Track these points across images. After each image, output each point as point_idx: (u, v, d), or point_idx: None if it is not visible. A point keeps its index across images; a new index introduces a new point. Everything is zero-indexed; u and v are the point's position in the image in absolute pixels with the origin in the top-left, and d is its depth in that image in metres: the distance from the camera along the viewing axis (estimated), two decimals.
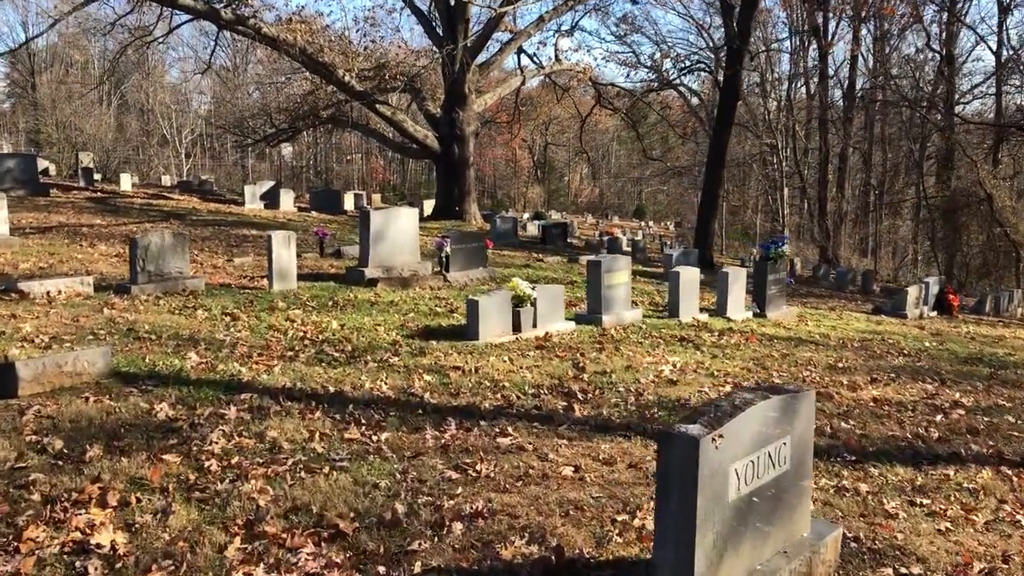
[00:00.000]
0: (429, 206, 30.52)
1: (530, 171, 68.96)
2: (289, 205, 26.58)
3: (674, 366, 7.44)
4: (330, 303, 9.45)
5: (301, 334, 7.67)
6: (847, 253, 43.89)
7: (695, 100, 47.54)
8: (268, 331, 7.72)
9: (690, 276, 10.40)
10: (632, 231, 46.70)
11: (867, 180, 44.55)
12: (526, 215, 42.33)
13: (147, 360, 6.23)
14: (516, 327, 8.35)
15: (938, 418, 6.28)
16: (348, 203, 31.97)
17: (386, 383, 6.06)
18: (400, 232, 11.81)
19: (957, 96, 38.76)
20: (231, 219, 19.33)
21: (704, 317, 10.57)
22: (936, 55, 38.12)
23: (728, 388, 6.81)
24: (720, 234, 51.34)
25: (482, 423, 5.23)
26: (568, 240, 24.90)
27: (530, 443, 4.88)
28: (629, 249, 26.65)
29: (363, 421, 5.10)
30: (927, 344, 10.47)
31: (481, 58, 27.51)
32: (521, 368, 6.90)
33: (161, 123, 55.87)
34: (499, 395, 5.98)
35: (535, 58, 30.44)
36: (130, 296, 8.99)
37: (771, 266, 11.77)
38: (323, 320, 8.40)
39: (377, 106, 26.27)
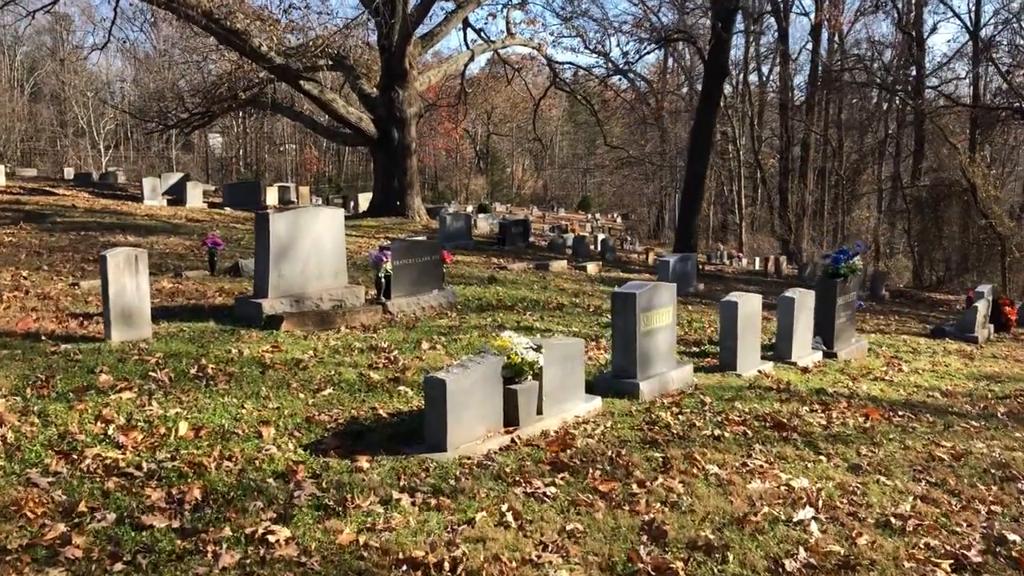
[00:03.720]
0: (366, 201, 26.64)
1: (472, 162, 65.20)
2: (197, 201, 22.46)
3: (811, 504, 4.03)
4: (194, 369, 5.71)
5: (109, 460, 4.01)
6: (809, 247, 41.62)
7: (644, 87, 44.54)
8: (44, 453, 4.03)
9: (751, 308, 7.02)
10: (582, 224, 43.44)
11: (829, 169, 42.15)
12: (469, 207, 38.60)
13: None
14: (511, 417, 4.84)
15: None
16: (272, 197, 27.88)
17: None
18: (317, 244, 8.08)
19: (927, 79, 36.54)
20: (109, 221, 15.21)
21: (768, 367, 7.22)
22: (907, 36, 35.74)
23: (946, 573, 3.45)
24: (670, 227, 48.55)
25: None
26: (529, 239, 21.39)
27: None
28: (597, 249, 23.34)
29: None
30: None
31: (423, 29, 23.75)
32: (543, 545, 3.38)
33: (77, 112, 50.50)
34: None
35: (483, 33, 26.73)
36: None
37: (841, 286, 8.50)
38: (167, 415, 4.72)
39: (302, 83, 22.29)
